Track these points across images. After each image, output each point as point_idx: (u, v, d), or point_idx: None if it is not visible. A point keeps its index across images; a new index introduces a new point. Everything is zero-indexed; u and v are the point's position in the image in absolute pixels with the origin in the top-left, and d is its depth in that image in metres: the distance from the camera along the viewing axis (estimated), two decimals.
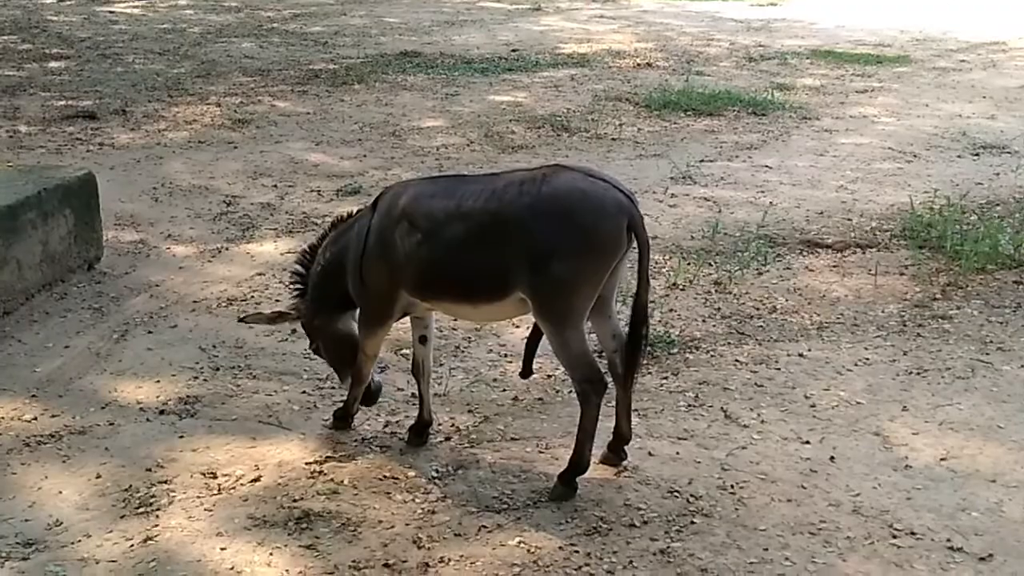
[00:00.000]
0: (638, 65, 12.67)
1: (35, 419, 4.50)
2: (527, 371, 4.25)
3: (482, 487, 3.94)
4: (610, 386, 3.87)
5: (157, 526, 3.72)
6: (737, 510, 3.79)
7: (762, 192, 7.69)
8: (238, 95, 10.78)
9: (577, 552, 3.54)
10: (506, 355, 5.10)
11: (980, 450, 4.22)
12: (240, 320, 4.52)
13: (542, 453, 4.19)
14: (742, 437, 4.31)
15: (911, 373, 4.88)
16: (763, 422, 4.44)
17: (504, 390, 4.76)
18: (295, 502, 3.85)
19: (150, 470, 4.10)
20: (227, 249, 6.54)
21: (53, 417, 4.52)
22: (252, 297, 5.78)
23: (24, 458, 4.19)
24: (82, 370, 4.96)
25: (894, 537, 3.64)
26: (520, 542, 3.60)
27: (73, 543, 3.64)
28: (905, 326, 5.40)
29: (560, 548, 3.56)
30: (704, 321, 5.49)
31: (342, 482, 3.98)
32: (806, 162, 8.55)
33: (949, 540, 3.62)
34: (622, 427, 4.02)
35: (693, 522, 3.71)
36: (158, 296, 5.82)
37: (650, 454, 4.17)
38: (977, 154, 8.82)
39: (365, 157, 8.64)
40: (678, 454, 4.17)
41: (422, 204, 3.86)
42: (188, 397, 4.68)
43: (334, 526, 3.70)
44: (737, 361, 5.02)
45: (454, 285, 3.85)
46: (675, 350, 5.12)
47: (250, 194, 7.61)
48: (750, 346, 5.19)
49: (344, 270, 4.12)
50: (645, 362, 4.92)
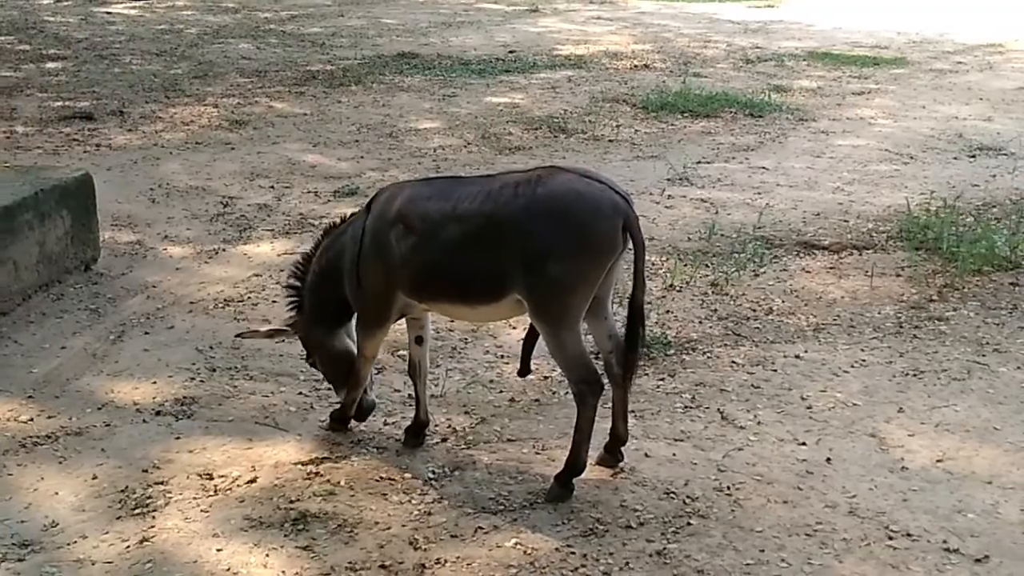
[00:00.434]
0: (635, 67, 12.68)
1: (31, 420, 4.50)
2: (525, 369, 4.24)
3: (479, 488, 3.94)
4: (607, 387, 3.87)
5: (153, 527, 3.72)
6: (733, 512, 3.79)
7: (759, 193, 7.70)
8: (235, 96, 10.78)
9: (573, 553, 3.54)
10: (503, 356, 5.10)
11: (976, 452, 4.23)
12: (237, 336, 4.53)
13: (539, 454, 4.19)
14: (738, 439, 4.32)
15: (907, 375, 4.89)
16: (759, 424, 4.44)
17: (501, 391, 4.77)
18: (291, 503, 3.85)
19: (146, 471, 4.09)
20: (224, 250, 6.54)
21: (49, 418, 4.52)
22: (249, 298, 5.78)
23: (20, 459, 4.19)
24: (79, 371, 4.95)
25: (890, 539, 3.64)
26: (516, 543, 3.60)
27: (69, 544, 3.64)
28: (901, 328, 5.40)
29: (556, 549, 3.56)
30: (701, 322, 5.49)
31: (338, 483, 3.98)
32: (803, 164, 8.55)
33: (945, 542, 3.62)
34: (619, 428, 4.02)
35: (689, 523, 3.71)
36: (155, 297, 5.82)
37: (647, 455, 4.17)
38: (973, 156, 8.83)
39: (362, 158, 8.63)
40: (674, 455, 4.18)
41: (418, 206, 3.86)
42: (185, 398, 4.68)
43: (330, 527, 3.70)
44: (734, 362, 5.02)
45: (450, 287, 3.85)
46: (672, 351, 5.12)
47: (247, 195, 7.61)
48: (747, 347, 5.19)
49: (340, 275, 4.12)
50: (642, 363, 4.93)
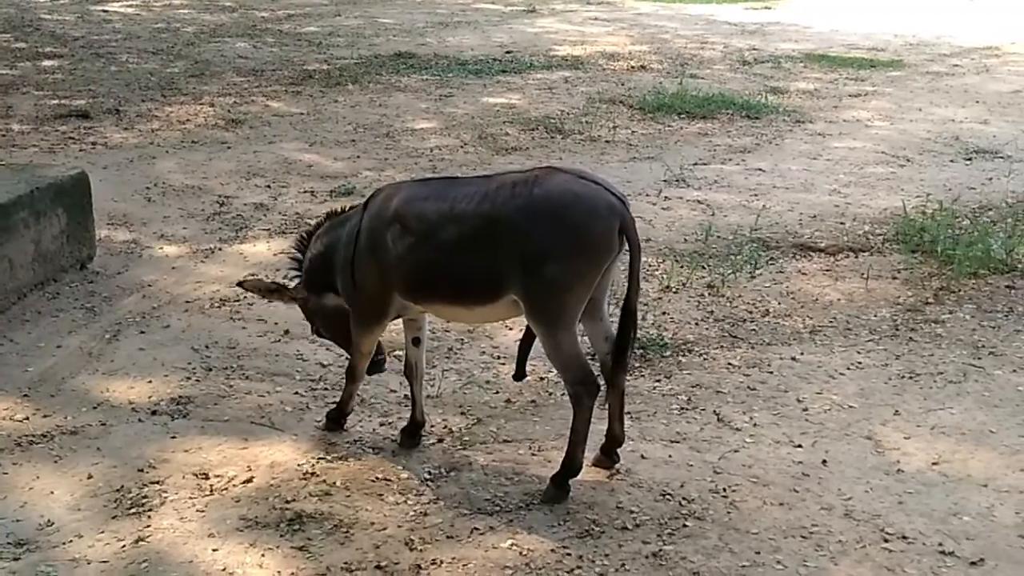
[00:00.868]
0: (632, 68, 12.68)
1: (27, 419, 4.49)
2: (520, 373, 4.24)
3: (474, 489, 3.94)
4: (603, 388, 3.87)
5: (149, 527, 3.72)
6: (729, 513, 3.79)
7: (755, 195, 7.70)
8: (232, 95, 10.77)
9: (569, 555, 3.54)
10: (499, 357, 5.10)
11: (972, 454, 4.23)
12: (239, 284, 4.40)
13: (535, 455, 4.19)
14: (734, 440, 4.32)
15: (903, 377, 4.89)
16: (755, 426, 4.45)
17: (497, 392, 4.77)
18: (287, 503, 3.84)
19: (142, 471, 4.09)
20: (220, 249, 6.54)
21: (45, 417, 4.51)
22: (245, 297, 5.76)
23: (16, 458, 4.18)
24: (74, 370, 4.95)
25: (885, 541, 3.65)
26: (512, 544, 3.60)
27: (65, 543, 3.63)
28: (897, 330, 5.41)
29: (552, 551, 3.56)
30: (697, 324, 5.49)
31: (334, 484, 3.98)
32: (799, 166, 8.56)
33: (940, 544, 3.63)
34: (615, 430, 4.01)
35: (685, 525, 3.71)
36: (151, 296, 5.81)
37: (643, 457, 4.17)
38: (970, 159, 8.84)
39: (358, 158, 8.63)
40: (670, 457, 4.18)
41: (414, 206, 3.85)
42: (180, 398, 4.67)
43: (326, 528, 3.70)
44: (730, 364, 5.03)
45: (447, 287, 3.84)
46: (668, 353, 5.12)
47: (243, 194, 7.60)
48: (743, 349, 5.20)
49: (331, 264, 4.12)
50: (638, 365, 4.94)
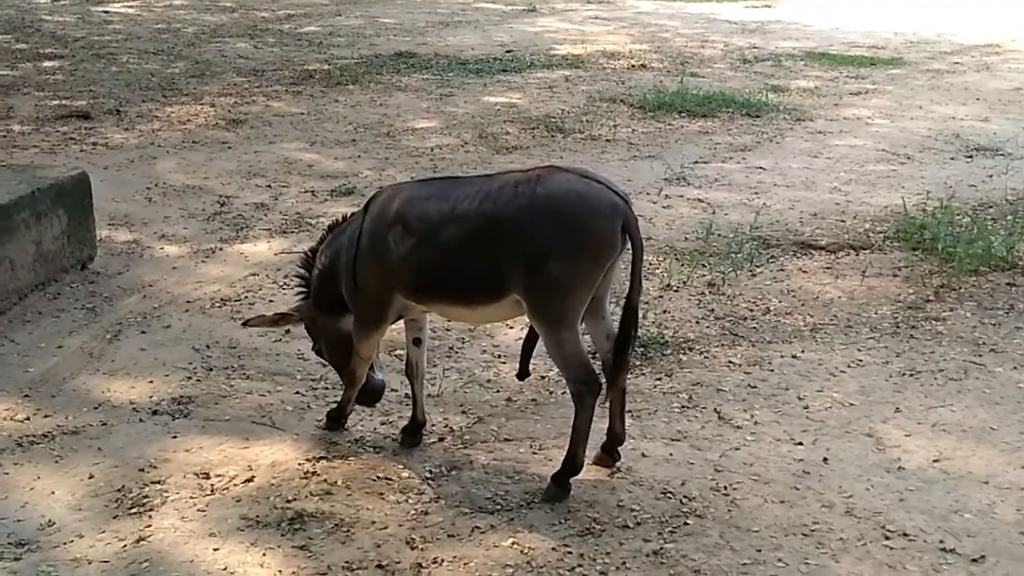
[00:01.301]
0: (633, 66, 12.68)
1: (28, 419, 4.49)
2: (524, 372, 4.23)
3: (476, 488, 3.94)
4: (604, 387, 3.86)
5: (150, 526, 3.72)
6: (730, 511, 3.79)
7: (756, 194, 7.70)
8: (232, 95, 10.77)
9: (570, 553, 3.54)
10: (500, 356, 5.10)
11: (973, 452, 4.23)
12: (244, 324, 4.53)
13: (536, 454, 4.19)
14: (735, 438, 4.32)
15: (904, 375, 4.89)
16: (756, 423, 4.45)
17: (498, 391, 4.77)
18: (288, 503, 3.85)
19: (143, 470, 4.09)
20: (221, 249, 6.54)
21: (46, 417, 4.51)
22: (246, 297, 5.78)
23: (17, 458, 4.18)
24: (75, 370, 4.95)
25: (887, 538, 3.65)
26: (513, 543, 3.60)
27: (66, 543, 3.63)
28: (898, 328, 5.41)
29: (553, 549, 3.56)
30: (698, 322, 5.49)
31: (335, 483, 3.98)
32: (800, 164, 8.56)
33: (942, 542, 3.63)
34: (616, 428, 4.01)
35: (686, 523, 3.71)
36: (151, 296, 5.81)
37: (643, 455, 4.17)
38: (970, 156, 8.84)
39: (359, 158, 8.63)
40: (671, 455, 4.18)
41: (416, 207, 3.85)
42: (181, 397, 4.68)
43: (327, 527, 3.70)
44: (731, 362, 5.03)
45: (449, 287, 3.84)
46: (669, 351, 5.12)
47: (244, 194, 7.60)
48: (743, 347, 5.19)
49: (338, 274, 4.12)
50: (639, 363, 4.94)
